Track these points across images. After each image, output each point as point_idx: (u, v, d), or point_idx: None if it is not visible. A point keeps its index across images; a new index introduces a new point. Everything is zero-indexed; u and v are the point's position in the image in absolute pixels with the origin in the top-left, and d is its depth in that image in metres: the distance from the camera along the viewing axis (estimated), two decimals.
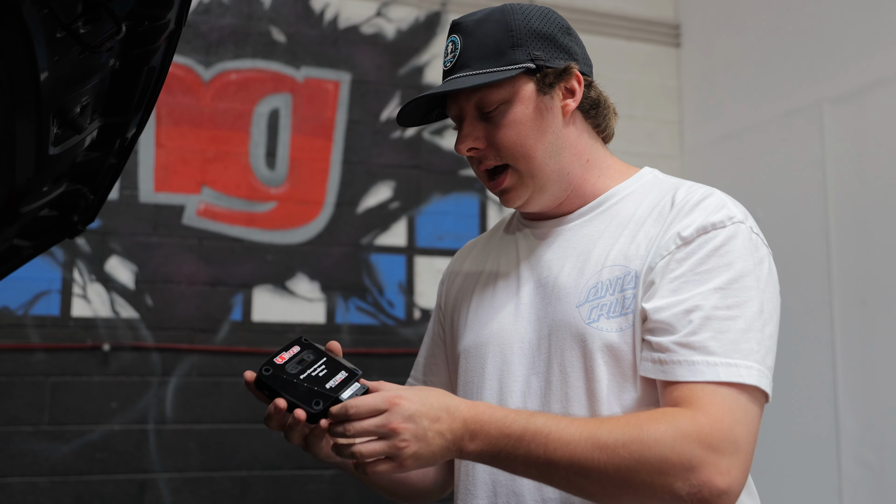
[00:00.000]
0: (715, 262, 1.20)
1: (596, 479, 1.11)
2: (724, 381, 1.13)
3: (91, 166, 1.29)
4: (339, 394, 1.16)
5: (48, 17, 0.79)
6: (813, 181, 3.66)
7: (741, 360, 1.15)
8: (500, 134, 1.33)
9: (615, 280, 1.27)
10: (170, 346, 3.52)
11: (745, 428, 1.13)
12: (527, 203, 1.38)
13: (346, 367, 1.22)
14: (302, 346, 1.24)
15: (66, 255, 3.45)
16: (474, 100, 1.34)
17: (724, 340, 1.15)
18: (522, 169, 1.34)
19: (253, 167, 3.74)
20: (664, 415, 1.13)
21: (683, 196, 1.29)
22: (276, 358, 1.21)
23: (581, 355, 1.27)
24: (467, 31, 1.35)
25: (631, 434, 1.11)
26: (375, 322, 3.83)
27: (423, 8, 4.08)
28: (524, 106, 1.33)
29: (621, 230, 1.32)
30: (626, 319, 1.24)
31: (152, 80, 1.15)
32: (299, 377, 1.18)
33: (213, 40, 3.74)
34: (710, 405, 1.12)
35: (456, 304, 1.54)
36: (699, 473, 1.09)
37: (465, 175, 4.03)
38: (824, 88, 3.66)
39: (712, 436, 1.10)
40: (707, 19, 4.43)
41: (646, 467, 1.09)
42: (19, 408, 3.30)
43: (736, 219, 1.24)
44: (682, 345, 1.16)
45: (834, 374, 3.45)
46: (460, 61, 1.33)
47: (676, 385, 1.16)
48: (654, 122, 4.45)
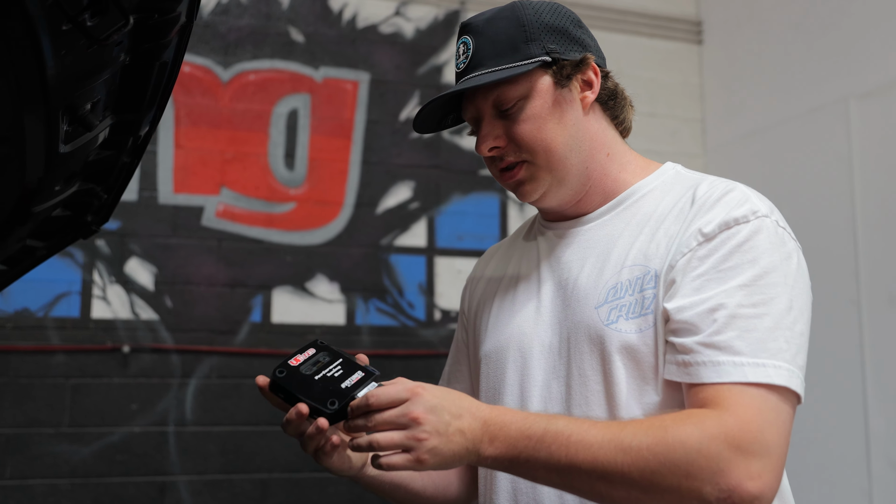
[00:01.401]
0: (739, 258, 1.16)
1: (619, 484, 1.07)
2: (752, 382, 1.09)
3: (104, 165, 1.27)
4: (356, 392, 1.13)
5: (53, 9, 0.77)
6: (839, 178, 3.59)
7: (769, 360, 1.10)
8: (519, 129, 1.30)
9: (635, 280, 1.23)
10: (189, 348, 3.51)
11: (776, 430, 1.08)
12: (544, 197, 1.35)
13: (363, 368, 1.19)
14: (318, 349, 1.22)
15: (85, 256, 3.45)
16: (491, 98, 1.31)
17: (750, 339, 1.11)
18: (542, 163, 1.31)
19: (272, 168, 3.73)
20: (689, 416, 1.09)
21: (705, 191, 1.25)
22: (290, 360, 1.18)
23: (599, 358, 1.24)
24: (478, 31, 1.32)
25: (656, 436, 1.06)
26: (395, 323, 3.81)
27: (442, 7, 4.05)
28: (542, 100, 1.30)
29: (641, 228, 1.29)
30: (645, 320, 1.20)
31: (164, 76, 1.12)
32: (314, 378, 1.15)
33: (231, 41, 3.73)
34: (738, 406, 1.08)
35: (478, 310, 1.52)
36: (728, 477, 1.04)
37: (486, 175, 4.00)
38: (850, 83, 3.60)
39: (741, 438, 1.05)
40: (729, 15, 4.38)
41: (672, 470, 1.05)
42: (40, 410, 3.30)
43: (760, 213, 1.20)
44: (707, 345, 1.12)
45: (863, 374, 3.39)
46: (473, 61, 1.31)
47: (701, 387, 1.12)
48: (676, 119, 4.40)
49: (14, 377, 3.29)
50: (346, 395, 1.13)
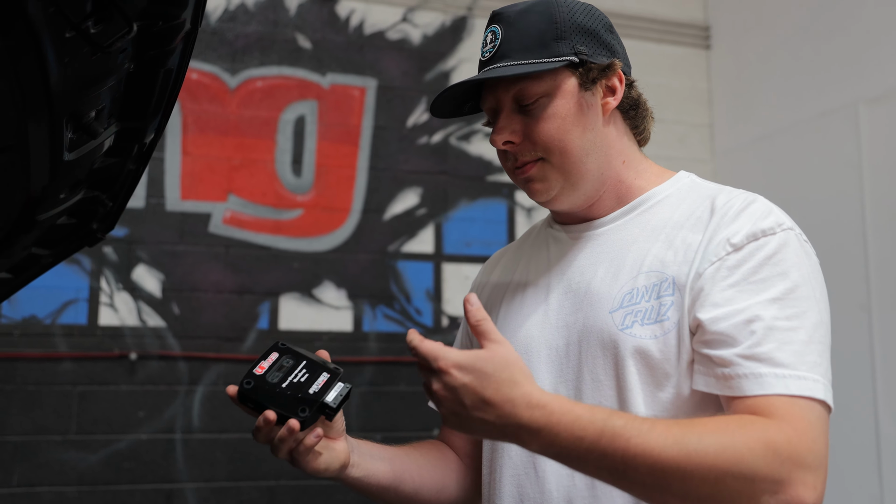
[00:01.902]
0: (769, 270, 1.16)
1: (678, 487, 1.03)
2: (796, 395, 1.09)
3: (109, 172, 1.26)
4: (324, 397, 1.14)
5: (56, 16, 0.76)
6: (849, 183, 3.57)
7: (808, 373, 1.10)
8: (538, 127, 1.28)
9: (651, 287, 1.22)
10: (197, 355, 3.51)
11: (823, 441, 1.09)
12: (555, 199, 1.33)
13: (328, 368, 1.20)
14: (280, 352, 1.22)
15: (93, 263, 3.45)
16: (513, 91, 1.29)
17: (789, 352, 1.11)
18: (557, 163, 1.29)
19: (279, 174, 3.72)
20: (752, 423, 1.07)
21: (725, 201, 1.25)
22: (255, 368, 1.19)
23: (612, 363, 1.22)
24: (509, 22, 1.30)
25: (722, 441, 1.04)
26: (403, 330, 3.79)
27: (449, 13, 4.05)
28: (565, 100, 1.29)
29: (657, 235, 1.28)
30: (661, 327, 1.19)
31: (170, 83, 1.11)
32: (281, 385, 1.16)
33: (238, 47, 3.73)
34: (793, 418, 1.08)
35: (486, 309, 1.50)
36: (789, 489, 1.04)
37: (493, 181, 3.99)
38: (860, 88, 3.58)
39: (800, 450, 1.06)
40: (737, 20, 4.37)
41: (736, 477, 1.03)
42: (47, 417, 3.30)
43: (785, 225, 1.20)
44: (747, 357, 1.11)
45: (873, 379, 3.37)
46: (500, 51, 1.29)
47: (745, 399, 1.11)
48: (684, 125, 4.38)
49: (21, 384, 3.29)
50: (315, 400, 1.13)
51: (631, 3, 4.33)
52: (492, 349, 1.05)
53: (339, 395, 1.17)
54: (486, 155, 4.00)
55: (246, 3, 3.76)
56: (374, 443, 1.41)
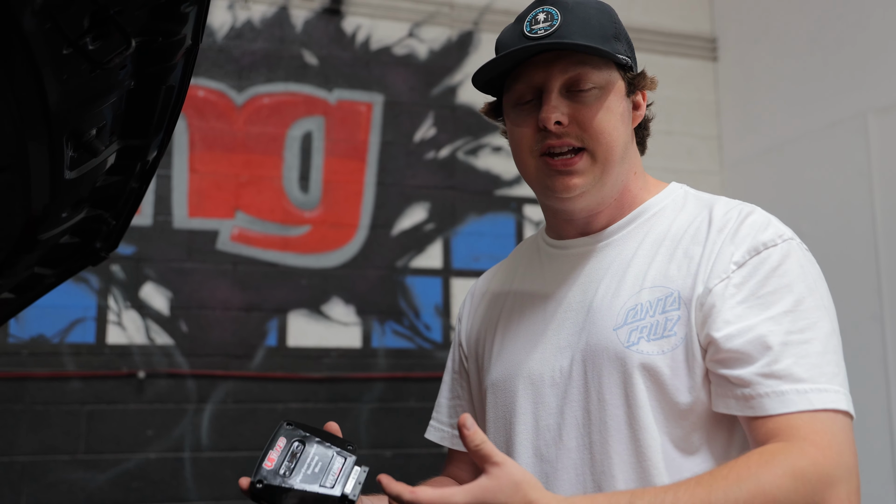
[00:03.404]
0: (775, 283, 1.15)
1: None
2: (819, 409, 1.08)
3: (112, 191, 1.25)
4: (343, 489, 1.08)
5: (52, 32, 0.75)
6: (859, 193, 3.55)
7: (828, 385, 1.10)
8: (594, 116, 1.25)
9: (656, 302, 1.20)
10: (205, 373, 3.49)
11: (850, 451, 1.09)
12: (583, 195, 1.28)
13: (341, 450, 1.12)
14: (288, 437, 1.14)
15: (100, 282, 3.44)
16: (572, 73, 1.25)
17: (806, 365, 1.10)
18: (600, 157, 1.26)
19: (286, 191, 3.72)
20: (773, 456, 1.05)
21: (722, 214, 1.23)
22: (265, 462, 1.10)
23: (620, 381, 1.20)
24: (567, 7, 1.25)
25: (749, 489, 1.02)
26: (412, 345, 3.78)
27: (456, 28, 4.05)
28: (617, 98, 1.28)
29: (657, 248, 1.26)
30: (668, 342, 1.17)
31: (171, 100, 1.10)
32: (296, 482, 1.08)
33: (245, 64, 3.73)
34: (815, 434, 1.07)
35: (480, 336, 1.46)
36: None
37: (501, 195, 3.97)
38: (868, 98, 3.56)
39: (827, 467, 1.05)
40: (744, 32, 4.35)
41: None
42: (56, 436, 3.29)
43: (785, 236, 1.19)
44: (766, 375, 1.10)
45: (887, 390, 3.34)
46: (561, 32, 1.23)
47: (768, 419, 1.10)
48: (692, 137, 4.37)
49: (30, 404, 3.28)
50: (332, 497, 1.07)
51: (638, 16, 4.32)
52: (497, 474, 0.98)
53: (358, 483, 1.10)
54: (494, 169, 3.99)
55: (252, 19, 3.76)
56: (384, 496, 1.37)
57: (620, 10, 1.39)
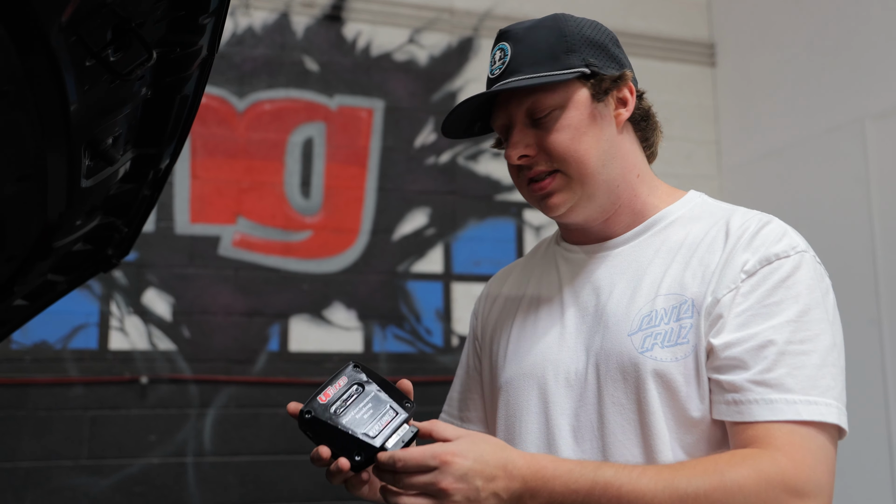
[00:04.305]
0: (782, 294, 1.15)
1: None
2: (805, 421, 1.08)
3: (125, 198, 1.27)
4: (385, 442, 1.08)
5: (76, 45, 0.77)
6: (857, 199, 3.57)
7: (820, 398, 1.10)
8: (552, 138, 1.27)
9: (671, 309, 1.21)
10: (207, 378, 3.50)
11: (825, 468, 1.08)
12: (571, 211, 1.31)
13: (398, 405, 1.13)
14: (350, 378, 1.14)
15: (103, 288, 3.45)
16: (526, 105, 1.29)
17: (800, 377, 1.10)
18: (574, 174, 1.28)
19: (288, 196, 3.73)
20: (744, 459, 1.07)
21: (740, 224, 1.24)
22: (320, 395, 1.11)
23: (634, 386, 1.21)
24: (517, 38, 1.30)
25: (712, 482, 1.05)
26: (413, 350, 3.79)
27: (456, 34, 4.07)
28: (578, 111, 1.29)
29: (673, 256, 1.27)
30: (682, 349, 1.18)
31: (185, 110, 1.12)
32: (342, 421, 1.09)
33: (246, 71, 3.75)
34: (790, 446, 1.07)
35: (494, 334, 1.48)
36: None
37: (501, 200, 3.99)
38: (866, 104, 3.58)
39: (796, 479, 1.05)
40: (742, 37, 4.37)
41: None
42: (58, 442, 3.29)
43: (799, 248, 1.20)
44: (758, 382, 1.11)
45: (885, 394, 3.35)
46: (510, 67, 1.28)
47: (751, 425, 1.10)
48: (691, 142, 4.39)
49: (33, 410, 3.29)
50: (372, 447, 1.07)
51: (636, 22, 4.34)
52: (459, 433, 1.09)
53: (401, 441, 1.10)
54: (495, 174, 4.01)
55: (253, 26, 3.78)
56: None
57: (619, 16, 1.41)
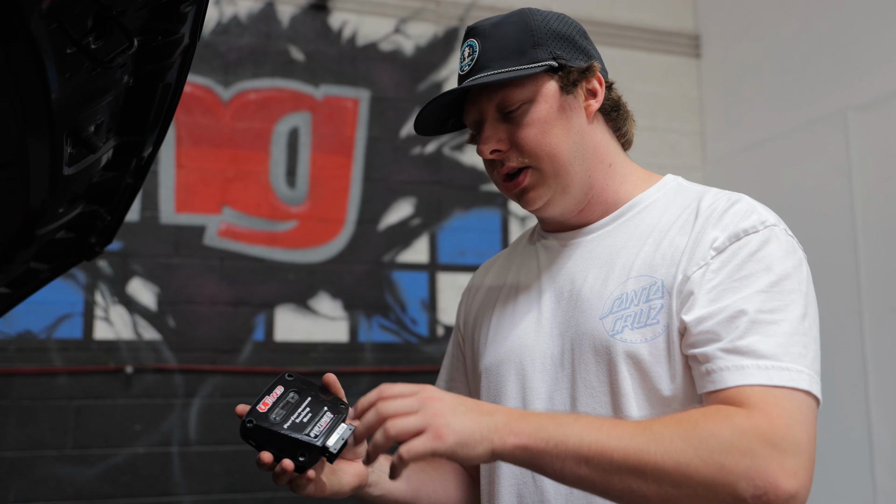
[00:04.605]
0: (752, 267, 1.16)
1: (652, 478, 1.01)
2: (777, 385, 1.07)
3: (107, 187, 1.27)
4: (325, 441, 1.13)
5: (57, 32, 0.77)
6: (839, 189, 3.60)
7: (791, 364, 1.09)
8: (523, 133, 1.29)
9: (640, 290, 1.23)
10: (193, 368, 3.50)
11: (804, 428, 1.06)
12: (548, 205, 1.33)
13: (334, 406, 1.18)
14: (286, 386, 1.20)
15: (87, 277, 3.44)
16: (496, 100, 1.30)
17: (771, 343, 1.10)
18: (546, 168, 1.30)
19: (273, 186, 3.73)
20: (717, 411, 1.07)
21: (710, 203, 1.26)
22: (259, 405, 1.16)
23: (606, 369, 1.22)
24: (485, 34, 1.31)
25: (686, 428, 1.04)
26: (399, 340, 3.80)
27: (442, 24, 4.07)
28: (548, 105, 1.30)
29: (645, 239, 1.29)
30: (652, 330, 1.20)
31: (168, 98, 1.12)
32: (283, 426, 1.14)
33: (231, 60, 3.74)
34: (766, 405, 1.06)
35: (476, 322, 1.50)
36: (764, 472, 1.00)
37: (487, 190, 4.00)
38: (848, 95, 3.61)
39: (773, 433, 1.03)
40: (727, 29, 4.39)
41: (705, 461, 1.01)
42: (43, 432, 3.29)
43: (768, 222, 1.20)
44: (729, 350, 1.11)
45: (865, 385, 3.38)
46: (479, 64, 1.30)
47: (723, 391, 1.10)
48: (675, 133, 4.41)
49: (17, 399, 3.28)
50: (314, 447, 1.12)
51: (622, 13, 4.36)
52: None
53: (341, 439, 1.14)
54: (480, 165, 4.01)
55: (239, 15, 3.77)
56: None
57: (605, 7, 1.42)
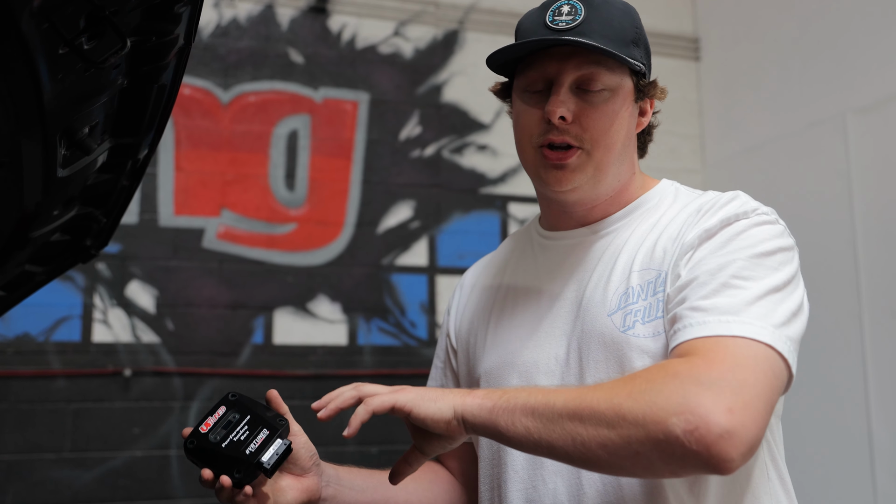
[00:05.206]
0: (737, 243, 1.16)
1: (589, 419, 1.00)
2: (733, 335, 1.04)
3: (103, 189, 1.26)
4: (259, 457, 1.18)
5: (49, 32, 0.76)
6: (838, 193, 3.59)
7: (755, 321, 1.06)
8: (595, 116, 1.27)
9: (646, 284, 1.22)
10: (191, 371, 3.50)
11: (751, 372, 1.01)
12: (576, 190, 1.30)
13: (271, 424, 1.24)
14: (228, 406, 1.26)
15: (86, 280, 3.44)
16: (585, 71, 1.26)
17: (736, 302, 1.08)
18: (597, 158, 1.28)
19: (272, 189, 3.73)
20: (659, 364, 1.07)
21: (709, 199, 1.27)
22: (201, 426, 1.23)
23: (617, 366, 1.20)
24: (592, 4, 1.27)
25: (624, 380, 1.05)
26: (398, 343, 3.79)
27: (441, 27, 4.06)
28: (623, 101, 1.30)
29: (645, 235, 1.29)
30: (660, 323, 1.18)
31: (163, 99, 1.12)
32: (221, 445, 1.20)
33: (231, 62, 3.74)
34: (709, 351, 1.03)
35: (472, 325, 1.47)
36: (696, 408, 0.95)
37: (486, 193, 4.00)
38: (847, 98, 3.61)
39: (708, 373, 0.99)
40: (726, 32, 4.39)
41: (636, 400, 0.98)
42: (41, 435, 3.28)
43: (760, 211, 1.21)
44: (694, 308, 1.09)
45: (865, 388, 3.38)
46: (581, 28, 1.24)
47: (681, 345, 1.08)
48: (675, 136, 4.40)
49: (15, 402, 3.28)
50: (249, 462, 1.18)
51: None
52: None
53: (276, 454, 1.20)
54: (479, 167, 4.01)
55: (238, 18, 3.77)
56: (361, 469, 1.40)
57: None
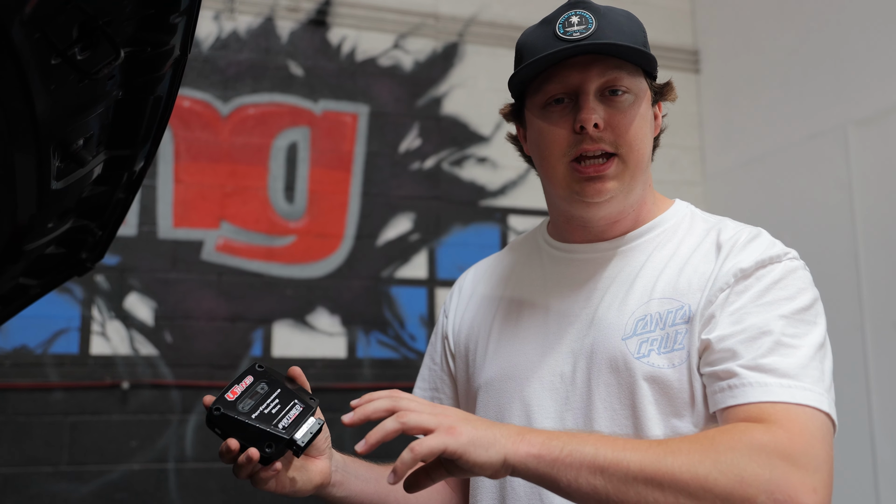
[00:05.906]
0: (776, 293, 1.16)
1: (670, 488, 0.98)
2: (800, 403, 1.06)
3: (98, 201, 1.25)
4: (293, 433, 1.10)
5: (41, 42, 0.75)
6: (839, 204, 3.58)
7: (813, 385, 1.09)
8: (626, 120, 1.24)
9: (665, 314, 1.21)
10: (189, 384, 3.48)
11: (823, 446, 1.05)
12: (610, 201, 1.26)
13: (303, 399, 1.15)
14: (256, 376, 1.17)
15: (84, 292, 3.43)
16: (609, 76, 1.24)
17: (793, 364, 1.09)
18: (631, 163, 1.25)
19: (272, 201, 3.72)
20: (735, 428, 1.05)
21: (731, 235, 1.25)
22: (227, 393, 1.13)
23: (628, 391, 1.19)
24: (599, 13, 1.25)
25: (704, 443, 1.02)
26: (397, 356, 3.78)
27: (441, 39, 4.06)
28: (645, 105, 1.28)
29: (666, 262, 1.26)
30: (678, 355, 1.18)
31: (159, 110, 1.11)
32: (251, 416, 1.11)
33: (230, 75, 3.73)
34: (787, 421, 1.05)
35: (471, 333, 1.44)
36: (785, 487, 0.98)
37: (486, 205, 3.99)
38: (848, 110, 3.60)
39: (792, 449, 1.01)
40: (726, 44, 4.39)
41: (724, 473, 0.98)
42: (38, 448, 3.26)
43: (791, 255, 1.22)
44: (752, 367, 1.10)
45: (868, 401, 3.36)
46: (598, 35, 1.22)
47: (744, 406, 1.08)
48: (675, 148, 4.39)
49: (12, 415, 3.26)
50: (282, 438, 1.10)
51: None
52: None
53: (309, 433, 1.12)
54: (479, 180, 4.00)
55: (238, 30, 3.77)
56: (364, 461, 1.35)
57: None
